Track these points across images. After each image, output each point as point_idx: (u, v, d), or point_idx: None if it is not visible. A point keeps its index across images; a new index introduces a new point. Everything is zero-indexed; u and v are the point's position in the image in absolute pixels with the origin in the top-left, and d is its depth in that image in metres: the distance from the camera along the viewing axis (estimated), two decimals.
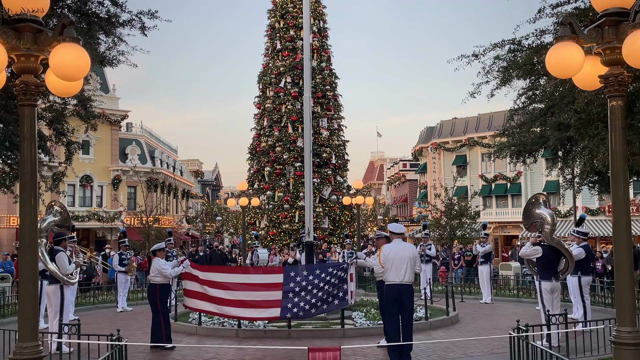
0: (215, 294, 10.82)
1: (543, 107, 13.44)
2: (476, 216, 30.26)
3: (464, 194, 40.53)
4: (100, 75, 39.18)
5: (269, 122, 31.61)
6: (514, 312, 15.78)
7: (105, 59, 11.18)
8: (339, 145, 32.01)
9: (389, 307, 9.34)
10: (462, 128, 49.64)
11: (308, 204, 13.92)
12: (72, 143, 15.85)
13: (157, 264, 11.30)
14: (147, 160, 44.46)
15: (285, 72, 31.64)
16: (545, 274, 10.77)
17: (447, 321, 14.00)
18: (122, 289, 17.91)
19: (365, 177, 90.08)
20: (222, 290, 10.81)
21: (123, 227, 23.64)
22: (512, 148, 14.87)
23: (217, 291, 10.83)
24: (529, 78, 12.09)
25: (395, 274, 9.28)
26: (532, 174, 43.95)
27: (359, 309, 14.47)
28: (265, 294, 10.73)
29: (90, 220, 39.07)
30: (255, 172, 32.01)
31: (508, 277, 21.78)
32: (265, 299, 10.70)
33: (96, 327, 13.60)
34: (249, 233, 29.47)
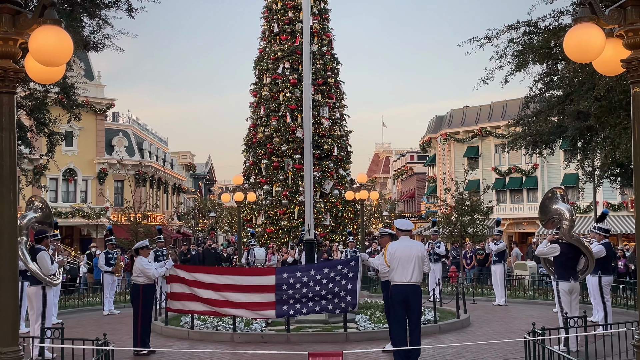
0: (206, 295, 10.85)
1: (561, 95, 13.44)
2: (489, 212, 30.27)
3: (476, 188, 40.43)
4: (84, 60, 39.12)
5: (266, 111, 31.58)
6: (530, 314, 15.81)
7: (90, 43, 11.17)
8: (342, 135, 32.01)
9: (395, 310, 9.36)
10: (474, 117, 49.58)
11: (308, 199, 13.92)
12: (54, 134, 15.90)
13: (140, 263, 11.31)
14: (135, 153, 44.47)
15: (283, 57, 31.59)
16: (563, 274, 10.78)
17: (457, 324, 14.02)
18: (108, 291, 17.95)
19: (370, 170, 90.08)
20: (213, 292, 10.83)
21: (109, 224, 23.68)
22: (528, 138, 14.87)
23: (207, 292, 10.85)
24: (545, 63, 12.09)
25: (402, 274, 9.29)
26: (549, 166, 43.89)
27: (363, 311, 14.50)
28: (258, 296, 10.74)
29: (74, 217, 39.12)
30: (251, 165, 32.01)
31: (523, 277, 21.81)
32: (258, 300, 10.71)
33: (81, 332, 13.63)
34: (245, 230, 29.49)
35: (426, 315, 13.83)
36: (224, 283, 10.87)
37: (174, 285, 11.03)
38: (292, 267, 11.63)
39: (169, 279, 11.12)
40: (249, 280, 10.94)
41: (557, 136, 14.49)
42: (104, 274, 18.12)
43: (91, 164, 41.56)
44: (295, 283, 10.64)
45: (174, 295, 11.05)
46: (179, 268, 11.28)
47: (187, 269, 11.59)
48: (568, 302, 10.66)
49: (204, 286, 10.89)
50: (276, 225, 29.88)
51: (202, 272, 11.29)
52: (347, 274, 10.60)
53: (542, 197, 11.46)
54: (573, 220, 10.74)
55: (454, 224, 27.06)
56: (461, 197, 27.56)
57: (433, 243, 19.40)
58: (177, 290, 11.01)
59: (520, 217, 46.57)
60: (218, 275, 11.09)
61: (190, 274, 11.08)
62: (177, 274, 11.04)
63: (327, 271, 10.72)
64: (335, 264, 11.11)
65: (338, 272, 10.66)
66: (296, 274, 10.78)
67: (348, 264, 10.80)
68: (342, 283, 10.59)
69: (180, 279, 10.99)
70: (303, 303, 10.56)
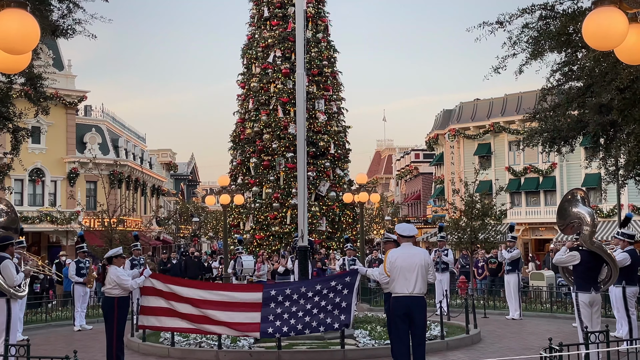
0: (184, 309, 10.83)
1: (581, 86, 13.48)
2: (502, 216, 30.31)
3: (488, 189, 40.52)
4: (52, 48, 39.04)
5: (255, 105, 31.61)
6: (547, 329, 15.85)
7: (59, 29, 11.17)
8: (339, 131, 32.06)
9: (397, 324, 9.37)
10: (485, 111, 49.69)
11: (302, 202, 13.94)
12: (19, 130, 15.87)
13: (115, 273, 11.28)
14: (109, 151, 44.42)
15: (274, 45, 31.63)
16: (584, 284, 10.81)
17: (466, 340, 14.04)
18: (79, 304, 17.92)
19: (370, 170, 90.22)
20: (192, 307, 10.83)
21: (81, 230, 23.59)
22: (545, 135, 14.90)
23: (185, 306, 10.83)
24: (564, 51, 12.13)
25: (404, 285, 9.30)
26: (569, 165, 44.03)
27: (362, 326, 14.52)
28: (242, 315, 10.75)
29: (41, 222, 39.04)
30: (238, 165, 32.04)
31: (540, 288, 21.86)
32: (242, 320, 10.74)
33: (49, 349, 13.61)
34: (232, 237, 29.48)
35: (432, 331, 13.85)
36: (205, 298, 10.87)
37: (149, 298, 10.97)
38: (281, 284, 11.64)
39: (142, 291, 11.08)
40: (233, 296, 10.94)
41: (577, 132, 14.52)
42: (74, 286, 18.09)
43: (61, 163, 41.49)
44: (284, 301, 10.68)
45: (148, 309, 10.99)
46: (155, 278, 11.26)
47: (164, 279, 11.57)
48: (589, 316, 10.68)
49: (183, 300, 10.88)
50: (266, 231, 29.90)
51: (181, 284, 11.27)
52: (342, 290, 10.64)
53: (561, 199, 11.49)
54: (595, 225, 10.76)
55: (463, 230, 27.10)
56: (471, 199, 27.60)
57: (440, 251, 19.43)
58: (152, 304, 10.96)
59: (537, 222, 46.68)
60: (199, 290, 11.07)
61: (168, 285, 11.04)
62: (153, 285, 11.01)
63: (320, 288, 10.76)
64: (329, 280, 11.16)
65: (331, 288, 10.71)
66: (285, 290, 10.81)
67: (343, 279, 10.83)
68: (335, 300, 10.62)
69: (157, 291, 10.96)
70: (291, 324, 10.60)
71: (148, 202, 54.67)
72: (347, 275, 11.07)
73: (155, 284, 11.03)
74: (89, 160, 40.43)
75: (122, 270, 11.49)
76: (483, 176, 43.56)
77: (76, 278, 17.88)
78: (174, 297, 10.89)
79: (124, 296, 11.38)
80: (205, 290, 11.11)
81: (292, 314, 10.65)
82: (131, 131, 54.42)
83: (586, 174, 42.01)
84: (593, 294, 10.74)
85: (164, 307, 10.92)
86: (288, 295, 10.70)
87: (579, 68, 12.81)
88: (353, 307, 10.68)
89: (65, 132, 41.68)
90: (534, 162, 46.25)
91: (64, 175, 41.53)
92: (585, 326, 10.44)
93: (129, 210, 39.37)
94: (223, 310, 10.79)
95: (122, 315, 11.31)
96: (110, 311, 11.34)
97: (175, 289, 10.96)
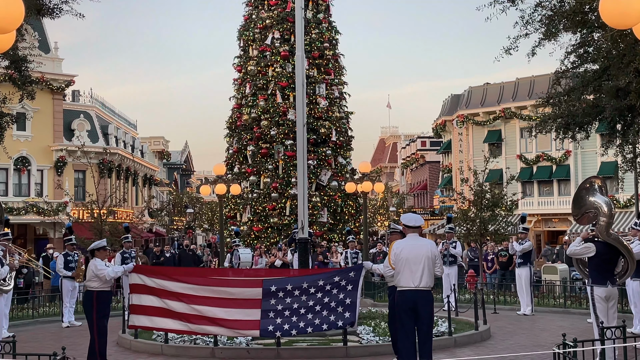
0: (177, 307, 10.78)
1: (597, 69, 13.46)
2: (513, 207, 30.24)
3: (498, 178, 40.53)
4: (38, 29, 38.96)
5: (252, 89, 31.58)
6: (560, 325, 15.86)
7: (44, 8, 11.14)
8: (341, 118, 32.04)
9: (402, 319, 9.38)
10: (495, 96, 49.63)
11: (302, 193, 13.93)
12: (3, 115, 15.88)
13: (93, 264, 11.28)
14: (98, 138, 44.42)
15: (272, 26, 31.57)
16: (599, 278, 10.82)
17: (475, 337, 14.07)
18: (68, 299, 17.96)
19: (374, 158, 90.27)
20: (186, 304, 10.79)
21: (69, 222, 23.62)
22: (559, 120, 14.90)
23: (178, 304, 10.78)
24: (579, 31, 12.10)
25: (409, 278, 9.30)
26: (584, 153, 44.00)
27: (366, 322, 14.53)
28: (240, 312, 10.73)
29: (27, 214, 39.08)
30: (235, 153, 32.04)
31: (553, 282, 21.89)
32: (240, 318, 10.71)
33: (36, 346, 13.64)
34: (228, 229, 29.52)
35: (439, 327, 13.87)
36: (199, 295, 10.82)
37: (140, 297, 10.91)
38: (282, 279, 11.57)
39: (132, 288, 11.04)
40: (230, 292, 10.90)
41: (593, 117, 14.52)
42: (62, 280, 18.13)
43: (47, 151, 41.48)
44: (285, 297, 10.64)
45: (139, 308, 10.93)
46: (143, 272, 11.17)
47: (153, 272, 11.52)
48: (604, 310, 10.70)
49: (175, 296, 10.82)
50: (264, 222, 29.93)
51: (172, 278, 11.17)
52: (346, 286, 10.62)
53: (576, 188, 11.49)
54: (611, 216, 10.77)
55: (472, 221, 27.08)
56: (481, 189, 27.56)
57: (448, 243, 19.45)
58: (143, 303, 10.89)
59: (550, 213, 46.70)
60: (193, 285, 10.99)
61: (157, 280, 10.95)
62: (142, 281, 10.93)
63: (323, 283, 10.74)
64: (332, 275, 11.12)
65: (335, 284, 10.69)
66: (286, 286, 10.78)
67: (347, 275, 10.80)
68: (339, 297, 10.63)
69: (147, 289, 10.90)
70: (293, 322, 10.60)
71: (140, 193, 54.71)
72: (351, 271, 11.05)
73: (144, 279, 10.97)
74: (77, 148, 40.38)
75: (100, 261, 11.46)
76: (493, 165, 43.42)
77: (64, 272, 17.90)
78: (166, 294, 10.85)
79: (104, 290, 11.32)
80: (200, 286, 11.05)
81: (293, 311, 10.64)
82: (122, 117, 54.39)
83: (602, 162, 41.97)
84: (609, 288, 10.75)
85: (156, 306, 10.86)
86: (289, 291, 10.69)
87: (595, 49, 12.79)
88: (358, 304, 10.68)
89: (52, 119, 41.64)
90: (547, 149, 46.21)
91: (51, 164, 41.53)
92: (600, 321, 10.45)
93: (120, 201, 39.28)
94: (220, 307, 10.77)
95: (102, 310, 11.24)
96: (89, 305, 11.32)
97: (166, 285, 10.87)
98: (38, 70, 22.77)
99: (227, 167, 30.84)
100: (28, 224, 40.31)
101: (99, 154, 42.46)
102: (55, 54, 42.47)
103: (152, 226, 54.50)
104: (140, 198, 54.44)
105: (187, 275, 11.68)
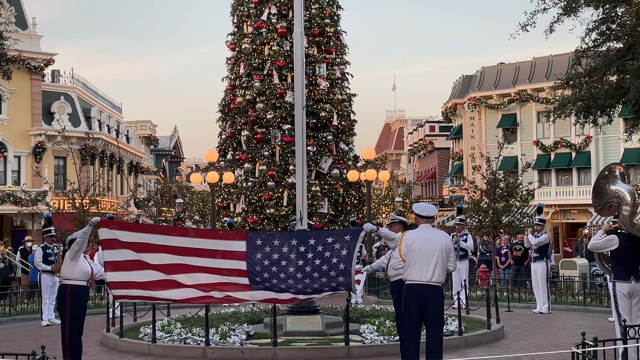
0: (161, 260, 10.17)
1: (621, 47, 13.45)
2: (529, 197, 30.23)
3: (513, 166, 40.46)
4: (14, 4, 38.89)
5: (247, 69, 31.51)
6: (579, 324, 15.93)
7: None
8: (343, 100, 31.99)
9: (408, 315, 9.40)
10: (510, 77, 49.56)
11: (300, 181, 13.95)
12: None
13: (68, 255, 11.22)
14: (80, 122, 44.39)
15: (268, 0, 31.46)
16: (622, 273, 10.84)
17: (488, 336, 14.14)
18: (47, 295, 18.01)
19: (379, 144, 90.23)
20: (170, 256, 10.25)
21: (48, 212, 23.67)
22: (579, 104, 14.89)
23: (162, 256, 10.18)
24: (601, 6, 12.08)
25: (421, 271, 9.31)
26: (606, 139, 43.96)
27: (369, 320, 14.61)
28: (228, 262, 10.29)
29: (3, 204, 39.09)
30: (228, 138, 32.01)
31: (571, 278, 21.95)
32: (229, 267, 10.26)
33: (14, 345, 13.70)
34: (221, 220, 29.53)
35: (449, 325, 13.93)
36: (181, 246, 10.31)
37: (112, 252, 10.27)
38: (268, 234, 11.18)
39: (104, 244, 10.48)
40: (213, 243, 10.51)
41: (616, 100, 14.51)
42: (42, 275, 18.17)
43: (25, 136, 41.46)
44: (272, 252, 10.27)
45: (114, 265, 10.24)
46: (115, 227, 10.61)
47: (126, 226, 11.27)
48: (627, 308, 10.72)
49: (156, 249, 10.30)
50: (260, 213, 29.93)
51: (151, 231, 10.84)
52: (340, 250, 10.20)
53: (597, 176, 11.50)
54: (636, 205, 10.77)
55: (484, 212, 27.11)
56: (494, 178, 27.57)
57: (458, 235, 19.48)
58: (116, 258, 10.23)
59: (569, 204, 46.71)
60: (172, 236, 10.56)
61: (132, 233, 10.45)
62: (114, 236, 10.29)
63: (314, 243, 10.32)
64: (325, 236, 10.65)
65: (327, 245, 10.29)
66: (273, 241, 10.48)
67: (342, 237, 10.35)
68: (332, 261, 10.14)
69: (122, 244, 10.25)
70: (281, 279, 10.16)
71: (125, 181, 54.72)
72: (347, 233, 10.67)
73: (116, 234, 10.32)
74: (57, 133, 40.21)
75: None
76: (507, 151, 43.46)
77: (43, 266, 17.94)
78: (145, 247, 10.28)
79: (80, 285, 11.26)
80: (180, 237, 10.57)
81: (281, 268, 10.26)
82: (105, 100, 54.32)
83: (625, 148, 41.95)
84: (633, 284, 10.77)
85: (134, 259, 10.26)
86: (276, 247, 10.35)
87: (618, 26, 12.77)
88: (353, 273, 10.32)
89: (29, 101, 41.59)
90: (565, 135, 46.15)
91: (29, 149, 41.50)
92: (623, 319, 10.49)
93: (103, 190, 39.32)
94: (206, 257, 10.36)
95: (76, 306, 11.18)
96: (62, 300, 11.28)
97: (145, 237, 10.40)
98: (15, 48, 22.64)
99: (219, 154, 30.84)
100: (4, 215, 40.33)
101: (81, 139, 42.43)
102: (33, 31, 42.37)
103: (138, 217, 54.48)
104: (126, 187, 54.45)
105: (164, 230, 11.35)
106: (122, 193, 52.80)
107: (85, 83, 49.70)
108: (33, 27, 42.59)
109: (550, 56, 47.22)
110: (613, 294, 11.05)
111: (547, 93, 44.73)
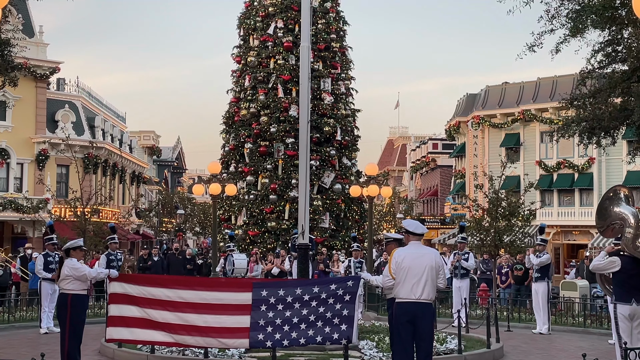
0: (161, 317, 10.79)
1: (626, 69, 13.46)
2: (531, 217, 30.19)
3: (515, 186, 40.46)
4: (22, 11, 39.00)
5: (252, 82, 31.61)
6: (579, 346, 15.88)
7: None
8: (347, 115, 32.06)
9: (399, 333, 9.41)
10: (515, 96, 49.62)
11: (303, 195, 13.95)
12: None
13: (71, 264, 11.28)
14: (84, 131, 44.46)
15: (275, 14, 31.60)
16: (623, 294, 10.81)
17: (487, 356, 14.09)
18: (47, 303, 17.95)
19: (382, 160, 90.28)
20: (170, 313, 10.79)
21: (50, 220, 23.61)
22: (583, 124, 14.91)
23: (162, 313, 10.79)
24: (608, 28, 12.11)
25: (410, 289, 9.33)
26: (609, 161, 43.96)
27: (368, 336, 14.57)
28: (229, 318, 10.71)
29: (5, 210, 39.10)
30: (231, 150, 32.06)
31: (572, 299, 21.88)
32: (229, 324, 10.69)
33: (11, 352, 13.66)
34: (222, 233, 29.51)
35: (449, 344, 13.91)
36: (186, 300, 10.83)
37: (120, 307, 10.86)
38: (274, 283, 11.56)
39: (111, 298, 11.01)
40: (218, 297, 10.89)
41: (620, 122, 14.52)
42: (42, 282, 18.13)
43: (28, 143, 41.50)
44: (277, 304, 10.63)
45: (118, 319, 10.88)
46: (126, 281, 11.19)
47: (135, 279, 11.59)
48: (628, 330, 10.69)
49: (159, 305, 10.82)
50: (261, 226, 29.94)
51: (155, 284, 11.19)
52: (343, 296, 10.59)
53: (600, 198, 11.48)
54: (639, 228, 10.76)
55: (486, 231, 27.07)
56: (496, 197, 27.55)
57: (460, 254, 19.45)
58: (123, 314, 10.87)
59: (570, 225, 46.65)
60: (178, 290, 10.99)
61: (141, 287, 10.97)
62: (124, 290, 10.90)
63: (318, 291, 10.71)
64: (329, 283, 11.13)
65: (332, 293, 10.65)
66: (278, 291, 10.74)
67: (344, 283, 10.77)
68: (335, 307, 10.58)
69: (128, 298, 10.88)
70: (285, 332, 10.56)
71: (127, 191, 54.73)
72: (349, 280, 11.03)
73: (127, 288, 10.97)
74: (60, 141, 40.25)
75: (77, 261, 11.48)
76: (510, 171, 43.23)
77: (44, 274, 17.91)
78: (149, 302, 10.80)
79: (80, 294, 11.32)
80: (186, 290, 11.01)
81: (285, 320, 10.61)
82: (109, 109, 54.46)
83: (628, 170, 41.93)
84: (634, 306, 10.74)
85: (137, 316, 10.84)
86: (281, 298, 10.65)
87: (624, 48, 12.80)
88: (356, 317, 10.63)
89: (34, 108, 41.66)
90: (568, 156, 46.15)
91: (32, 157, 41.54)
92: (624, 342, 10.45)
93: (105, 199, 39.25)
94: (207, 314, 10.73)
95: (76, 315, 11.23)
96: (62, 309, 11.31)
97: (149, 291, 10.87)
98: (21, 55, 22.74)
99: (222, 166, 30.86)
100: (5, 222, 40.31)
101: (84, 148, 42.51)
102: (39, 39, 42.51)
103: (139, 227, 54.51)
104: (128, 197, 54.47)
105: (172, 282, 11.69)
106: (124, 203, 52.81)
107: (90, 92, 49.84)
108: (40, 35, 42.73)
109: (554, 77, 47.29)
110: (614, 316, 11.02)
111: (551, 113, 44.79)
